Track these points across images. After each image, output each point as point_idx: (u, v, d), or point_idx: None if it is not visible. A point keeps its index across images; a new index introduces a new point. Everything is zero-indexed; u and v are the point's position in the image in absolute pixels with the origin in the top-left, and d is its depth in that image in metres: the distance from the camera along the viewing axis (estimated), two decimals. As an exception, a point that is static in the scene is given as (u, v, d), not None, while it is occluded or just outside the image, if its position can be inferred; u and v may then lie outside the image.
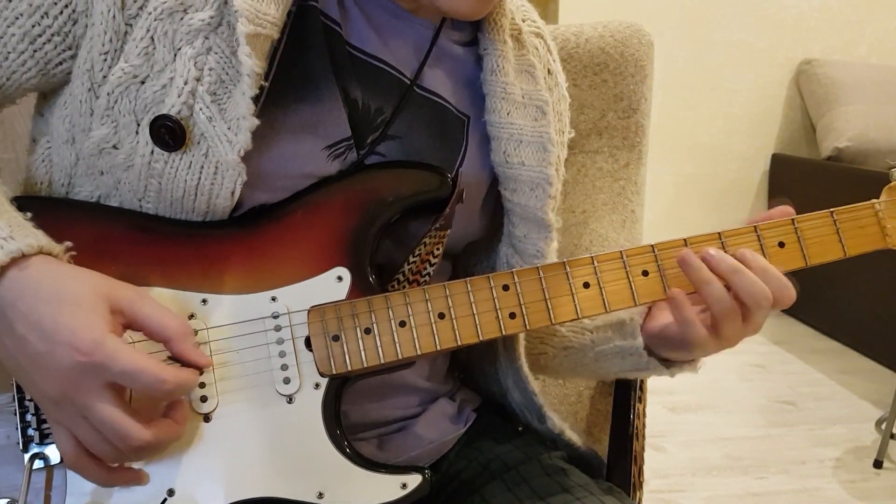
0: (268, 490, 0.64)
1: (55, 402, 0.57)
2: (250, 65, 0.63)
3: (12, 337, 0.57)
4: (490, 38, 0.77)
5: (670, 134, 3.29)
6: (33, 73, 0.67)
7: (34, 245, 0.58)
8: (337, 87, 0.70)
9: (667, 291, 0.69)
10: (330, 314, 0.66)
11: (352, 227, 0.68)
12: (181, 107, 0.64)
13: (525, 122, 0.77)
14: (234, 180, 0.65)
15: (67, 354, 0.55)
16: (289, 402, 0.65)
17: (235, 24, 0.63)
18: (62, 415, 0.58)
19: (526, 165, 0.76)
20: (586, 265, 0.69)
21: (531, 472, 0.77)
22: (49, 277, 0.58)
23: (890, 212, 0.73)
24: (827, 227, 0.72)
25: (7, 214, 0.61)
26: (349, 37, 0.72)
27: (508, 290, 0.68)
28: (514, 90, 0.77)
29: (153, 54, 0.64)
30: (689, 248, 0.69)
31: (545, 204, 0.77)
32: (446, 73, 0.77)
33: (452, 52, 0.78)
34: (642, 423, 1.08)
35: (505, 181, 0.78)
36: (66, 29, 0.66)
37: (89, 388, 0.56)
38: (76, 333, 0.55)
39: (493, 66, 0.76)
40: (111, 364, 0.55)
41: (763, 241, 0.71)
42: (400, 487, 0.65)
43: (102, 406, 0.56)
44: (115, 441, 0.57)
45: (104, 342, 0.55)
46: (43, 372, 0.56)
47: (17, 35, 0.66)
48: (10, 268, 0.57)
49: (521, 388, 0.82)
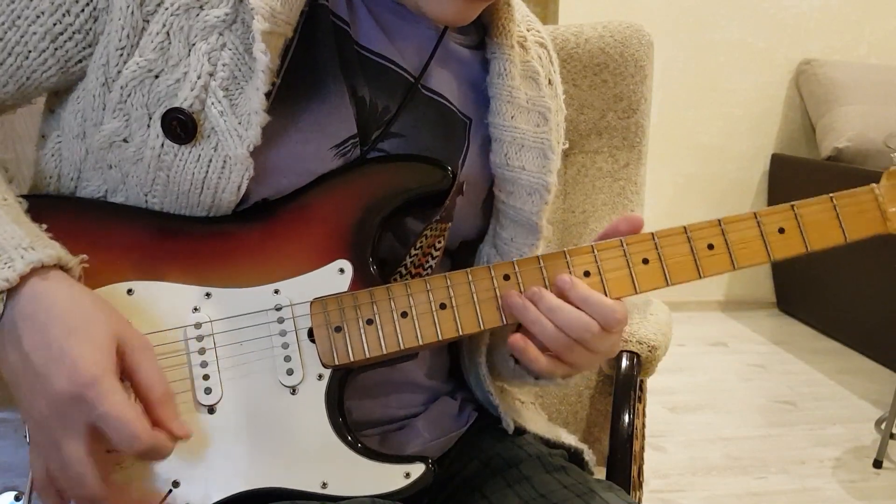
0: (272, 481, 0.64)
1: (38, 423, 0.57)
2: (265, 61, 0.63)
3: (18, 351, 0.57)
4: (498, 43, 0.78)
5: (670, 134, 3.30)
6: (53, 72, 0.68)
7: (53, 255, 0.59)
8: (345, 85, 0.71)
9: (509, 337, 0.69)
10: (332, 306, 0.66)
11: (353, 220, 0.68)
12: (193, 100, 0.64)
13: (528, 126, 0.78)
14: (242, 175, 0.65)
15: (63, 381, 0.55)
16: (292, 394, 0.66)
17: (250, 22, 0.64)
18: (41, 438, 0.58)
19: (526, 170, 0.77)
20: (587, 254, 0.69)
21: (532, 470, 0.77)
22: (66, 298, 0.58)
23: (890, 196, 0.73)
24: (827, 211, 0.72)
25: (26, 225, 0.62)
26: (357, 36, 0.73)
27: (509, 279, 0.69)
28: (520, 94, 0.77)
29: (168, 49, 0.65)
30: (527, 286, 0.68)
31: (541, 210, 0.78)
32: (451, 75, 0.78)
33: (458, 54, 0.79)
34: (642, 423, 1.08)
35: (502, 183, 0.78)
36: (88, 27, 0.67)
37: (69, 423, 0.56)
38: (78, 364, 0.55)
39: (499, 69, 0.77)
40: (98, 403, 0.55)
41: (763, 228, 0.71)
42: (403, 477, 0.66)
43: (74, 444, 0.55)
44: (71, 481, 0.56)
45: (102, 380, 0.55)
46: (36, 392, 0.56)
47: (39, 34, 0.66)
48: (30, 278, 0.58)
49: (480, 389, 0.83)
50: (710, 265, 0.70)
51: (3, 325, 0.58)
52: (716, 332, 3.19)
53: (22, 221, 0.62)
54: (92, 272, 0.64)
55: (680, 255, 0.70)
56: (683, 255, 0.70)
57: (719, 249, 0.70)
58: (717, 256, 0.70)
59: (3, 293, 0.58)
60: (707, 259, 0.70)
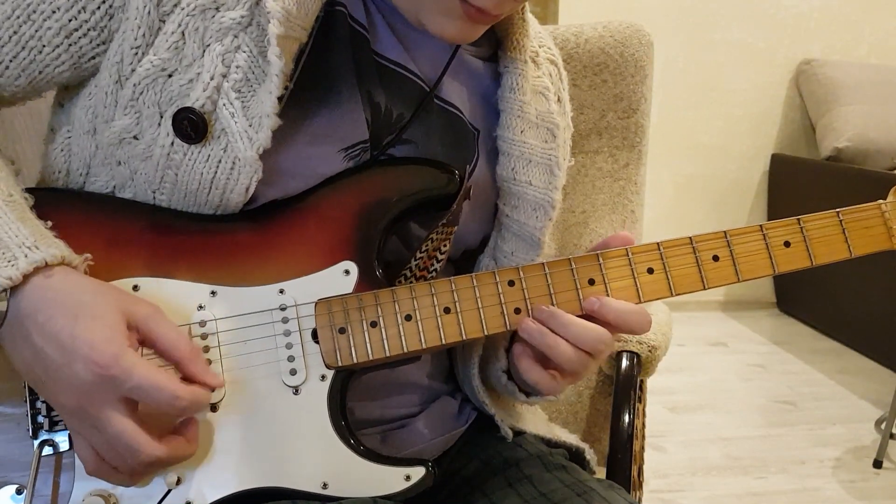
0: (273, 480, 0.65)
1: (72, 412, 0.58)
2: (279, 65, 0.64)
3: (30, 347, 0.58)
4: (511, 57, 0.78)
5: (670, 134, 3.30)
6: (66, 67, 0.68)
7: (57, 255, 0.60)
8: (359, 91, 0.71)
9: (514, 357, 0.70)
10: (337, 307, 0.67)
11: (360, 222, 0.68)
12: (205, 101, 0.65)
13: (536, 142, 0.78)
14: (250, 177, 0.66)
15: (85, 367, 0.56)
16: (295, 394, 0.66)
17: (266, 25, 0.64)
18: (80, 425, 0.59)
19: (533, 185, 0.77)
20: (592, 262, 0.69)
21: (533, 469, 0.78)
22: (69, 289, 0.59)
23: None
24: (833, 226, 0.72)
25: (31, 223, 0.62)
26: (374, 44, 0.73)
27: (514, 285, 0.69)
28: (530, 109, 0.78)
29: (182, 49, 0.66)
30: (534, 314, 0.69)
31: (544, 226, 0.78)
32: (462, 86, 0.78)
33: (470, 65, 0.79)
34: (642, 423, 1.08)
35: (507, 197, 0.78)
36: (103, 24, 0.67)
37: (103, 401, 0.57)
38: (94, 346, 0.56)
39: (511, 83, 0.77)
40: (127, 378, 0.56)
41: (769, 241, 0.71)
42: (404, 479, 0.66)
43: (116, 419, 0.57)
44: (125, 454, 0.58)
45: (122, 356, 0.56)
46: (60, 383, 0.58)
47: (54, 29, 0.67)
48: (33, 276, 0.59)
49: (475, 399, 0.83)
50: (715, 277, 0.70)
51: (9, 324, 0.59)
52: (716, 332, 3.19)
53: (27, 219, 0.63)
54: (97, 268, 0.64)
55: (685, 265, 0.70)
56: (688, 266, 0.70)
57: (724, 261, 0.71)
58: (722, 268, 0.71)
59: (7, 291, 0.58)
60: (712, 271, 0.70)
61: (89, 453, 0.60)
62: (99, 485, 0.63)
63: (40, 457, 0.64)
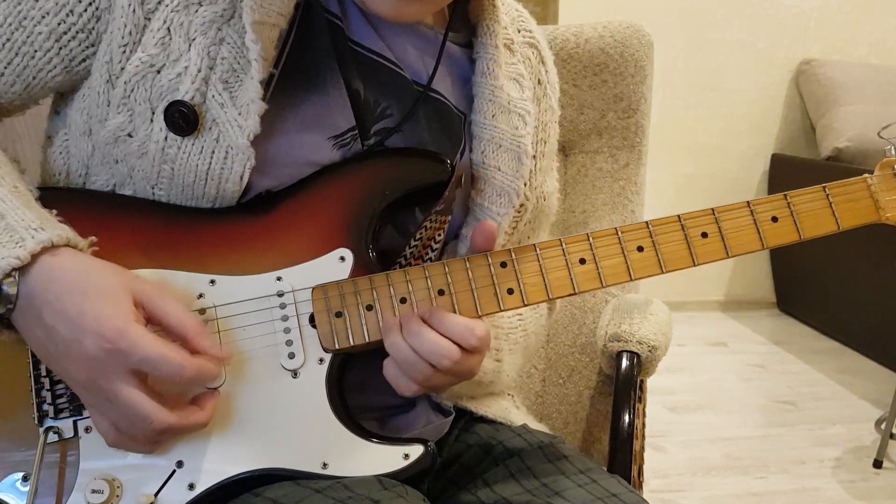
0: (273, 461, 0.66)
1: (85, 387, 0.61)
2: (257, 50, 0.66)
3: (42, 326, 0.60)
4: (482, 42, 0.79)
5: (670, 134, 3.30)
6: (58, 71, 0.70)
7: (63, 236, 0.62)
8: (342, 78, 0.72)
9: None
10: (333, 292, 0.68)
11: (354, 209, 0.70)
12: (195, 93, 0.67)
13: (507, 127, 0.79)
14: (244, 164, 0.68)
15: (93, 341, 0.58)
16: (294, 377, 0.68)
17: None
18: (93, 399, 0.61)
19: (501, 171, 0.78)
20: (582, 241, 0.70)
21: (534, 459, 0.78)
22: (75, 268, 0.62)
23: (883, 186, 0.74)
24: (819, 200, 0.73)
25: (36, 209, 0.65)
26: (350, 32, 0.74)
27: (506, 266, 0.69)
28: (502, 94, 0.79)
29: (169, 44, 0.68)
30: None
31: (507, 213, 0.79)
32: (445, 72, 0.79)
33: (450, 51, 0.80)
34: (642, 423, 1.08)
35: (476, 181, 0.79)
36: (91, 26, 0.69)
37: (113, 374, 0.59)
38: (101, 322, 0.58)
39: (483, 68, 0.79)
40: (134, 351, 0.58)
41: (756, 217, 0.72)
42: (402, 458, 0.67)
43: (126, 390, 0.59)
44: (138, 423, 0.60)
45: (128, 330, 0.58)
46: (71, 359, 0.60)
47: (44, 33, 0.69)
48: (41, 256, 0.61)
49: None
50: (705, 252, 0.71)
51: (20, 304, 0.61)
52: (716, 332, 3.19)
53: (32, 206, 0.65)
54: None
55: (674, 242, 0.71)
56: (677, 243, 0.71)
57: (713, 237, 0.71)
58: (711, 244, 0.71)
59: (17, 271, 0.60)
60: (701, 247, 0.71)
61: (108, 426, 0.62)
62: (103, 470, 0.65)
63: (45, 444, 0.65)
